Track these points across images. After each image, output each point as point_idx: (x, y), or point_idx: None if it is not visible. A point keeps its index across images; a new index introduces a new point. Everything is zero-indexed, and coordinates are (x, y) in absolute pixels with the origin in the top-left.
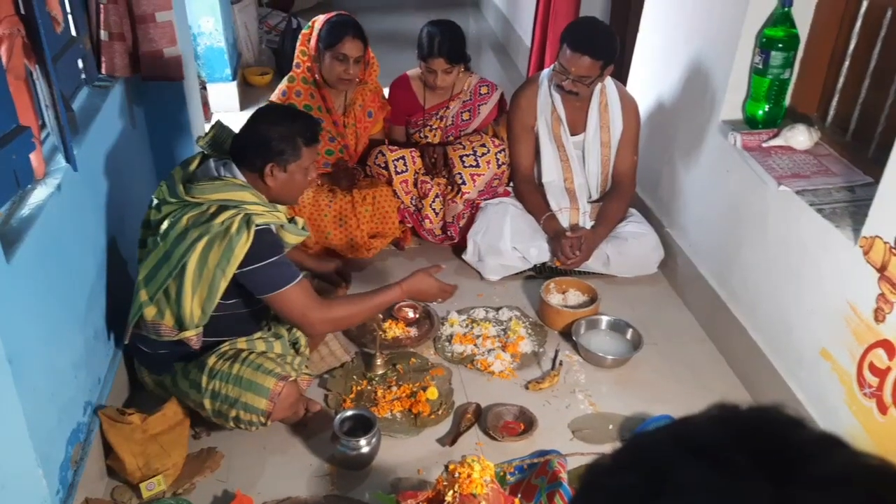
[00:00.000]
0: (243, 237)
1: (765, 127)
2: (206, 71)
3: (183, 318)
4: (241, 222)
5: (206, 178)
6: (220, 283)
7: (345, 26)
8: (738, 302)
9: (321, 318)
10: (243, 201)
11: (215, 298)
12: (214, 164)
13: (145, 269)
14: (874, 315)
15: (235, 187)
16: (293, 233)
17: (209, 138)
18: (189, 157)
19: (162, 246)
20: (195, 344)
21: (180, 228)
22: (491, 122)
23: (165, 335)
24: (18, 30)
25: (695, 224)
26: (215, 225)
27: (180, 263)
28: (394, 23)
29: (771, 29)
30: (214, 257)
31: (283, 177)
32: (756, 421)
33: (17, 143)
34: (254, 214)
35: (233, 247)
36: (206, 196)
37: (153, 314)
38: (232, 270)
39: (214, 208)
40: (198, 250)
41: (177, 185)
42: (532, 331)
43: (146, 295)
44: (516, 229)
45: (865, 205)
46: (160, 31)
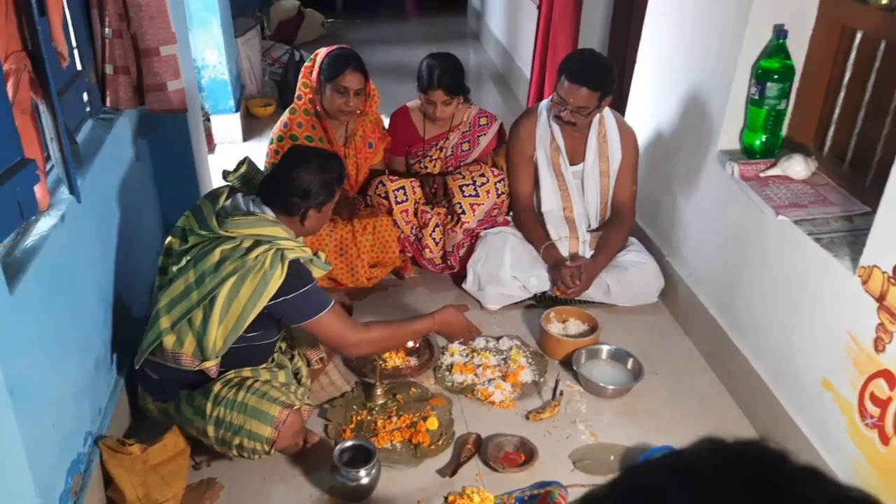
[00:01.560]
0: (277, 270)
1: (762, 157)
2: (209, 103)
3: (205, 347)
4: (274, 256)
5: (238, 212)
6: (250, 315)
7: (346, 59)
8: (739, 331)
9: (360, 340)
10: (276, 237)
11: (240, 330)
12: (244, 200)
13: (167, 297)
14: (874, 345)
15: (268, 223)
16: (319, 266)
17: (240, 174)
18: (215, 190)
19: (191, 275)
20: (213, 374)
21: (214, 261)
22: (490, 152)
23: (185, 364)
24: (25, 65)
25: (695, 253)
26: (249, 259)
27: (211, 294)
28: (394, 55)
29: (766, 60)
30: (247, 290)
31: (318, 216)
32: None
33: (22, 175)
34: (286, 249)
35: (267, 280)
36: (239, 231)
37: (172, 342)
38: (264, 302)
39: (249, 243)
40: (230, 283)
41: (207, 217)
42: (532, 360)
43: (168, 322)
44: (516, 258)
45: (863, 234)
46: (164, 65)
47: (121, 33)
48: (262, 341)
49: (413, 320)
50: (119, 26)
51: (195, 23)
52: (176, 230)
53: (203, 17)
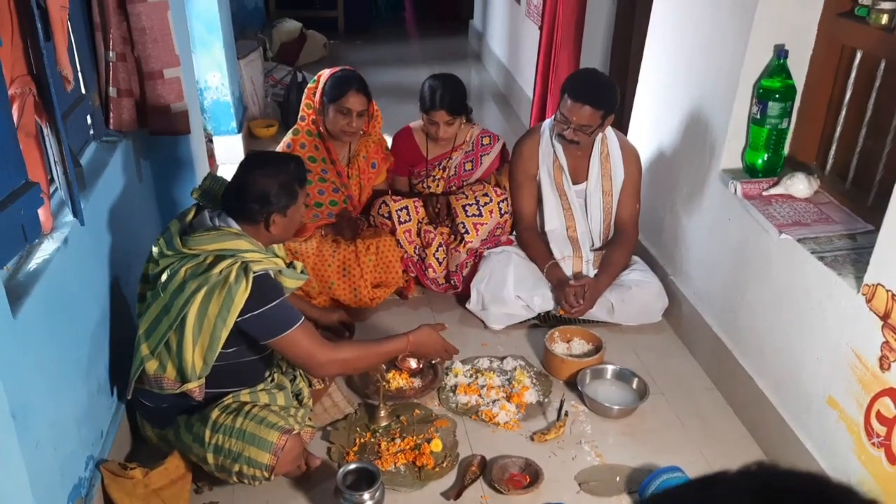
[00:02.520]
0: (242, 285)
1: (764, 175)
2: (212, 124)
3: (185, 370)
4: (238, 270)
5: (202, 229)
6: (222, 332)
7: (349, 81)
8: (743, 350)
9: (328, 359)
10: (239, 249)
11: (217, 348)
12: (209, 215)
13: (145, 323)
14: (879, 363)
15: (231, 236)
16: (292, 277)
17: (202, 190)
18: (184, 210)
19: (161, 299)
20: (198, 396)
21: (178, 280)
22: (493, 171)
23: (168, 388)
24: (30, 88)
25: (698, 272)
26: (213, 275)
27: (180, 315)
28: (396, 76)
29: (767, 80)
30: (214, 307)
31: (284, 221)
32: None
33: (26, 198)
34: (251, 262)
35: (232, 295)
36: (202, 247)
37: (155, 368)
38: (233, 319)
39: (211, 258)
40: (197, 301)
41: (173, 237)
42: (537, 380)
43: (147, 349)
44: (520, 278)
45: (867, 252)
46: (168, 88)
47: (125, 56)
48: (246, 358)
49: (386, 340)
50: (123, 49)
51: (198, 45)
52: (150, 255)
53: (206, 40)
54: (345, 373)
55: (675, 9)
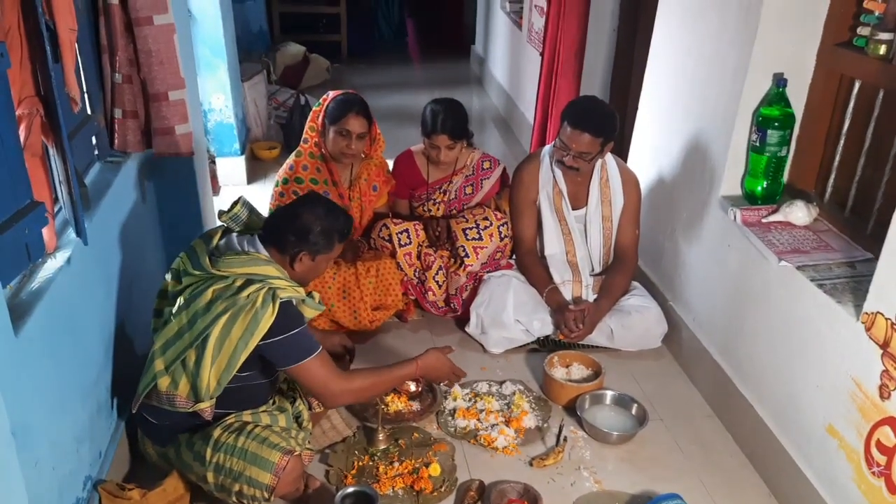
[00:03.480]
0: (269, 310)
1: (764, 203)
2: (215, 146)
3: (199, 388)
4: (266, 295)
5: (232, 252)
6: (242, 354)
7: (350, 103)
8: (743, 377)
9: (342, 390)
10: (268, 276)
11: (233, 370)
12: (238, 239)
13: (162, 339)
14: (879, 392)
15: (261, 262)
16: (311, 307)
17: (233, 214)
18: (210, 230)
19: (184, 316)
20: (208, 415)
21: (205, 300)
22: (493, 195)
23: (180, 406)
24: (37, 109)
25: (698, 298)
26: (241, 298)
27: (203, 334)
28: (398, 99)
29: (767, 108)
30: (238, 329)
31: (311, 265)
32: None
33: (31, 218)
34: (278, 289)
35: (258, 319)
36: (232, 270)
37: (167, 384)
38: (255, 342)
39: (241, 282)
40: (222, 322)
41: (201, 257)
42: (536, 405)
43: (162, 364)
44: (519, 302)
45: (866, 280)
46: (173, 110)
47: (130, 78)
48: (257, 381)
49: (396, 367)
50: (129, 71)
51: (203, 67)
52: (171, 272)
53: (211, 62)
54: (357, 402)
55: (676, 36)
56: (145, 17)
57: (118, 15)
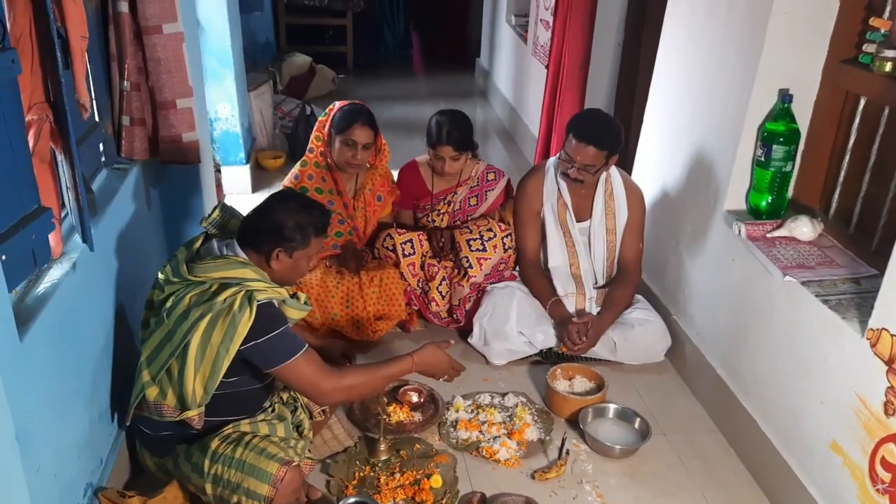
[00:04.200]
0: (246, 313)
1: (768, 218)
2: (220, 154)
3: (185, 397)
4: (242, 299)
5: (209, 256)
6: (224, 360)
7: (356, 114)
8: (746, 392)
9: (333, 387)
10: (245, 278)
11: (218, 377)
12: (217, 244)
13: (148, 350)
14: (884, 408)
15: (237, 265)
16: (295, 308)
17: (213, 219)
18: (193, 237)
19: (165, 326)
20: (197, 424)
21: (183, 307)
22: (498, 207)
23: (168, 415)
24: (47, 115)
25: (701, 312)
26: (217, 303)
27: (183, 342)
28: (403, 111)
29: (772, 123)
30: (218, 335)
31: (289, 262)
32: None
33: (38, 223)
34: (255, 291)
35: (236, 324)
36: (208, 274)
37: (155, 394)
38: (235, 347)
39: (216, 286)
40: (201, 329)
41: (180, 264)
42: (538, 418)
43: (149, 375)
44: (522, 314)
45: (871, 296)
46: (180, 118)
47: (139, 86)
48: (248, 386)
49: (391, 362)
50: (138, 79)
51: (210, 77)
52: (156, 282)
53: (218, 72)
54: (350, 399)
55: (681, 50)
56: (155, 26)
57: (128, 23)
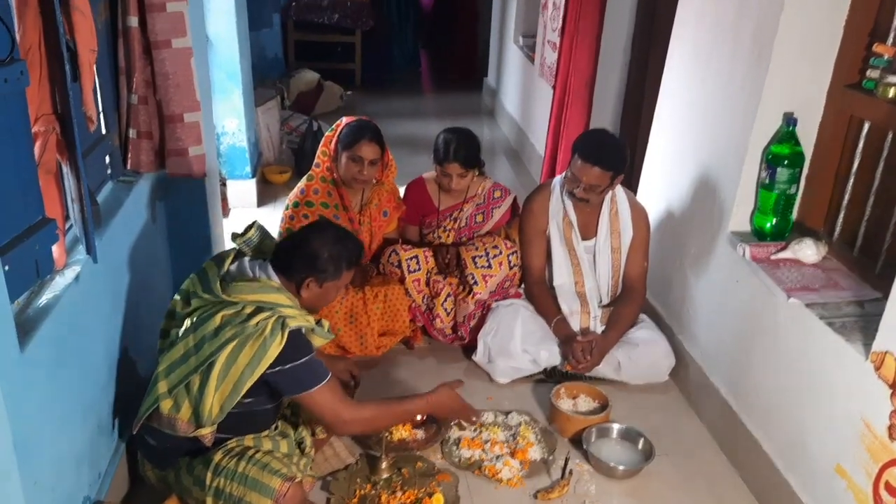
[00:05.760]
0: (277, 338)
1: (772, 240)
2: (226, 168)
3: (201, 413)
4: (275, 324)
5: (243, 278)
6: (247, 382)
7: (363, 130)
8: (750, 414)
9: (352, 418)
10: (278, 304)
11: (237, 397)
12: (250, 265)
13: (167, 361)
14: (888, 432)
15: (271, 290)
16: (321, 336)
17: (248, 238)
18: (222, 253)
19: (190, 339)
20: (208, 441)
21: (213, 325)
22: (503, 224)
23: (181, 430)
24: (54, 127)
25: (706, 332)
26: (250, 326)
27: (209, 360)
28: (410, 128)
29: (777, 146)
30: (245, 357)
31: (318, 291)
32: None
33: (42, 234)
34: (288, 317)
35: (266, 347)
36: (242, 296)
37: (169, 407)
38: (262, 370)
39: (251, 309)
40: (229, 349)
41: (212, 281)
42: (541, 437)
43: (166, 387)
44: (527, 331)
45: (875, 320)
46: (187, 131)
47: (146, 100)
48: (261, 407)
49: (406, 400)
50: (145, 93)
51: (217, 91)
52: (180, 293)
53: (225, 87)
54: (365, 431)
55: (687, 72)
56: (164, 41)
57: (137, 38)
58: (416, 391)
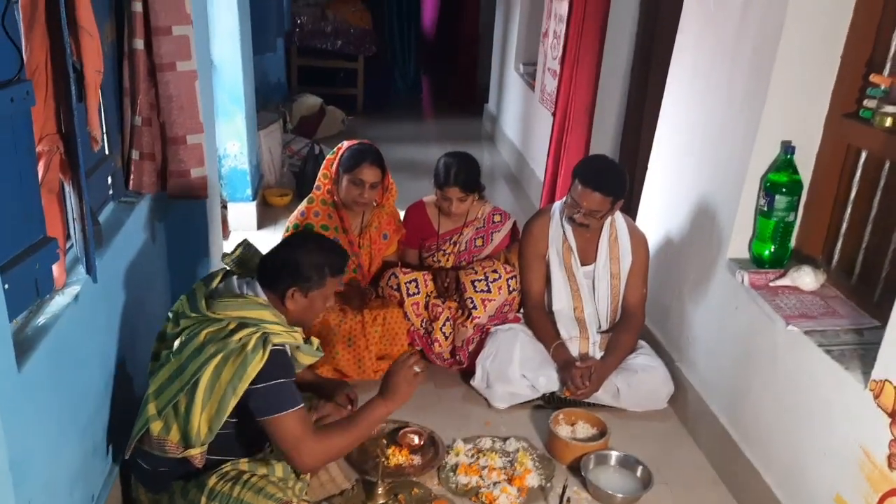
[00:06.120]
0: (258, 355)
1: (771, 267)
2: (227, 190)
3: (189, 434)
4: (257, 340)
5: (229, 294)
6: (231, 400)
7: (365, 153)
8: (749, 442)
9: (312, 451)
10: (263, 320)
11: (224, 416)
12: (238, 282)
13: (157, 382)
14: (888, 462)
15: (256, 306)
16: (308, 353)
17: (235, 256)
18: (212, 272)
19: (176, 360)
20: (199, 462)
21: (198, 343)
22: (503, 249)
23: (170, 452)
24: (57, 147)
25: (704, 360)
26: (232, 341)
27: (194, 378)
28: (410, 153)
29: (775, 174)
30: (227, 374)
31: (304, 302)
32: None
33: (43, 253)
34: (271, 334)
35: (247, 364)
36: (226, 312)
37: (159, 429)
38: (243, 388)
39: (234, 325)
40: (212, 366)
41: (198, 300)
42: (539, 464)
43: (155, 408)
44: (526, 356)
45: (874, 348)
46: (190, 153)
47: (150, 121)
48: (250, 426)
49: (364, 411)
50: (149, 115)
51: (220, 114)
52: (171, 314)
53: (229, 110)
54: (331, 461)
55: (686, 99)
56: (169, 64)
57: (143, 60)
58: (413, 416)
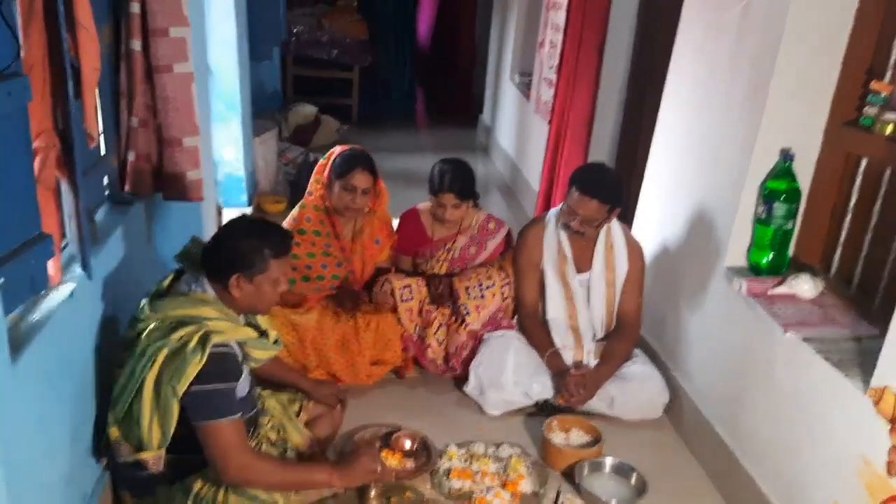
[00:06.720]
0: (197, 356)
1: (769, 275)
2: (222, 196)
3: (142, 437)
4: (198, 340)
5: (174, 293)
6: (172, 400)
7: (356, 159)
8: (746, 451)
9: (239, 465)
10: (203, 317)
11: (172, 417)
12: (185, 279)
13: (115, 390)
14: (887, 468)
15: (197, 302)
16: (262, 348)
17: (182, 253)
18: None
19: (128, 365)
20: (152, 466)
21: (141, 346)
22: (497, 256)
23: (123, 456)
24: (54, 144)
25: (700, 368)
26: (172, 340)
27: (139, 380)
28: (405, 162)
29: (773, 181)
30: (168, 373)
31: (250, 288)
32: None
33: (38, 249)
34: (213, 332)
35: (185, 365)
36: (166, 312)
37: (116, 436)
38: (183, 387)
39: (174, 324)
40: (156, 367)
41: (149, 302)
42: (533, 470)
43: (113, 416)
44: (519, 363)
45: (873, 355)
46: (186, 155)
47: (146, 123)
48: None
49: (312, 468)
50: (145, 116)
51: (216, 120)
52: (130, 320)
53: (224, 116)
54: (255, 485)
55: (684, 107)
56: (166, 66)
57: (140, 62)
58: (406, 422)
